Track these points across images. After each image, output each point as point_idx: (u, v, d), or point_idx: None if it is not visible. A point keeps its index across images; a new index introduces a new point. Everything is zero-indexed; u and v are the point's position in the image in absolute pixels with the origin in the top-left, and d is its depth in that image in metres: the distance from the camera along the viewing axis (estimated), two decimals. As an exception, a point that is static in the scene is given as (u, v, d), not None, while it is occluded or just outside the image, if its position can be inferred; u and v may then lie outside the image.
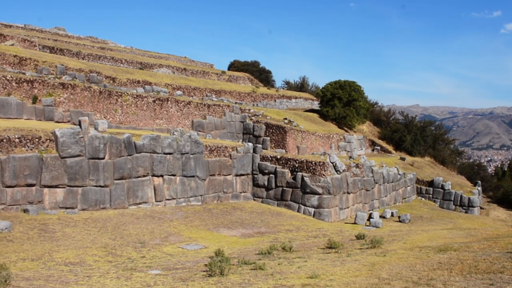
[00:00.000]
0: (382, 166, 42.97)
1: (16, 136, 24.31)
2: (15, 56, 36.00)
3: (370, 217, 33.01)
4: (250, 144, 37.49)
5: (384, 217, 35.97)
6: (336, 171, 34.51)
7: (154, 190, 29.83)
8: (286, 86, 79.40)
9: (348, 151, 49.79)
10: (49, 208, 24.98)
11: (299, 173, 34.54)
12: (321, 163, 33.84)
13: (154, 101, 37.72)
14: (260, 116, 43.83)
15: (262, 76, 76.76)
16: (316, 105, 62.82)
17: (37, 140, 24.96)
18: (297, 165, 34.84)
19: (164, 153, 30.36)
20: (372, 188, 39.80)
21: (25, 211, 23.85)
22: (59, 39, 57.59)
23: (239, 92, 53.99)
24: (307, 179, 33.99)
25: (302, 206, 34.11)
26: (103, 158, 27.11)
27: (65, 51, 49.64)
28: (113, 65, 50.45)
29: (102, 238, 21.74)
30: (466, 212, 45.72)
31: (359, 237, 22.64)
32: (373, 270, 12.97)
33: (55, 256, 17.83)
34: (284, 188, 35.26)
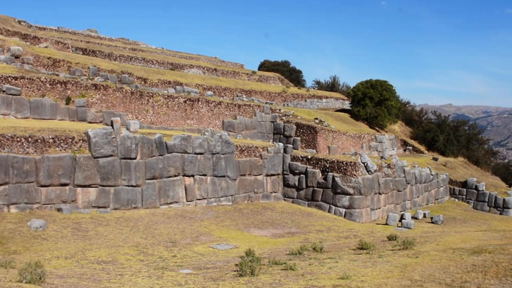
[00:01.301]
0: (414, 167, 42.47)
1: (50, 137, 24.71)
2: (49, 58, 36.61)
3: (402, 218, 32.64)
4: (281, 144, 37.44)
5: (416, 218, 35.53)
6: (368, 171, 34.24)
7: (185, 190, 30.00)
8: (316, 86, 79.05)
9: (380, 151, 49.34)
10: (82, 207, 25.33)
11: (330, 173, 34.36)
12: (352, 163, 33.61)
13: (185, 102, 37.94)
14: (291, 116, 43.73)
15: (293, 76, 76.54)
16: (347, 104, 62.40)
17: (70, 140, 25.34)
18: (328, 165, 34.67)
19: (195, 153, 30.51)
20: (404, 189, 39.36)
21: (59, 210, 24.24)
22: (91, 41, 58.35)
23: (269, 92, 53.96)
24: (338, 180, 33.80)
25: (333, 207, 33.92)
26: (135, 158, 27.38)
27: (97, 52, 50.28)
28: (145, 66, 50.92)
29: (134, 237, 21.95)
30: (500, 214, 44.88)
31: (390, 238, 22.41)
32: (405, 272, 12.82)
33: (88, 255, 18.07)
34: (315, 188, 35.11)
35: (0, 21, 48.42)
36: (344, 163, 33.86)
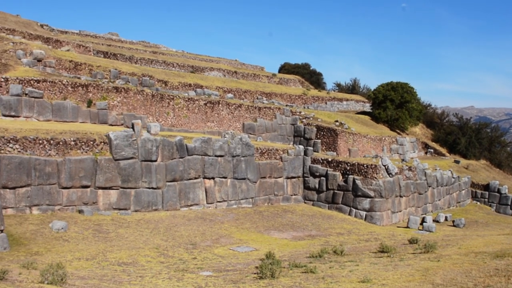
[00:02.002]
0: (436, 169, 42.05)
1: (72, 139, 24.91)
2: (70, 61, 36.95)
3: (423, 221, 32.33)
4: (301, 146, 37.33)
5: (437, 221, 35.15)
6: (388, 174, 33.97)
7: (206, 192, 30.04)
8: (337, 88, 78.74)
9: (401, 154, 48.95)
10: (103, 209, 25.49)
11: (351, 176, 34.15)
12: (373, 166, 33.38)
13: (205, 104, 38.03)
14: (311, 118, 43.61)
15: (313, 78, 76.37)
16: (367, 107, 62.05)
17: (91, 142, 25.52)
18: (348, 168, 34.47)
19: (215, 156, 30.54)
20: (425, 192, 38.97)
21: (80, 211, 24.41)
22: (113, 44, 58.81)
23: (289, 95, 53.88)
24: (358, 182, 33.58)
25: (354, 209, 33.70)
26: (155, 161, 27.48)
27: (118, 55, 50.64)
28: (165, 69, 51.17)
29: (154, 239, 22.01)
30: (524, 217, 44.18)
31: (412, 241, 22.19)
32: (426, 276, 12.66)
33: (109, 256, 18.16)
34: (335, 191, 34.93)
35: (23, 25, 49.03)
36: (365, 165, 33.65)
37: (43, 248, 18.59)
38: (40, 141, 23.86)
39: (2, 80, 29.60)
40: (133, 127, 27.11)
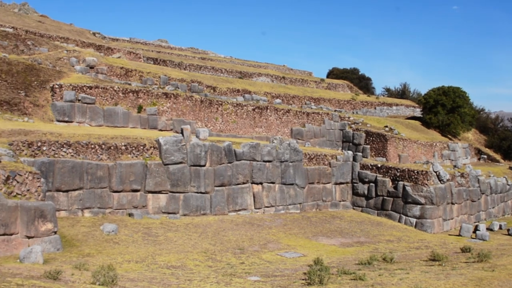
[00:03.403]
0: (490, 176, 40.94)
1: (123, 144, 25.37)
2: (121, 68, 37.68)
3: (476, 229, 31.47)
4: (350, 152, 36.98)
5: (491, 230, 34.16)
6: (440, 180, 33.26)
7: (254, 197, 30.08)
8: (386, 93, 77.78)
9: (452, 160, 47.90)
10: (152, 213, 25.83)
11: (401, 182, 33.60)
12: (424, 172, 32.75)
13: (253, 110, 38.14)
14: (360, 124, 43.18)
15: (362, 83, 75.65)
16: (418, 112, 61.05)
17: (142, 147, 25.92)
18: (398, 174, 33.93)
19: (264, 161, 30.55)
20: (479, 199, 37.96)
21: (130, 215, 24.81)
22: (162, 51, 59.68)
23: (338, 100, 53.52)
24: (408, 189, 33.00)
25: (403, 216, 33.12)
26: (204, 165, 27.69)
27: (167, 62, 51.34)
28: (214, 75, 51.59)
29: (203, 243, 22.14)
30: None
31: (464, 250, 21.62)
32: (480, 286, 12.31)
33: (158, 259, 18.36)
34: (385, 197, 34.43)
35: (76, 34, 50.32)
36: (415, 171, 33.05)
37: (94, 250, 18.94)
38: (92, 146, 24.38)
39: (57, 86, 30.43)
40: (182, 132, 27.41)
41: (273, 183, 31.05)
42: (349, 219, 32.11)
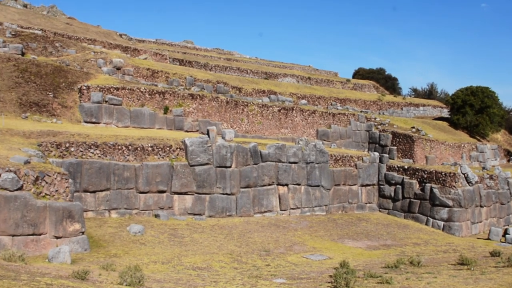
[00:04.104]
0: (519, 178, 40.24)
1: (149, 145, 25.52)
2: (148, 69, 37.93)
3: (505, 233, 30.92)
4: (376, 153, 36.70)
5: (521, 233, 33.59)
6: (468, 182, 32.81)
7: (279, 199, 30.01)
8: (413, 93, 77.07)
9: (481, 162, 47.19)
10: (178, 214, 25.93)
11: (428, 184, 33.23)
12: (452, 174, 32.34)
13: (279, 110, 38.08)
14: (386, 124, 42.82)
15: (388, 83, 75.08)
16: (445, 113, 60.32)
17: (168, 148, 26.04)
18: (425, 176, 33.57)
19: (289, 162, 30.48)
20: (508, 202, 37.34)
21: (156, 216, 24.94)
22: (188, 52, 59.96)
23: (364, 101, 53.16)
24: (436, 191, 32.62)
25: (431, 219, 32.74)
26: (230, 167, 27.72)
27: (193, 63, 51.54)
28: (239, 76, 51.65)
29: (228, 244, 22.15)
30: None
31: (494, 254, 21.24)
32: (511, 290, 12.07)
33: (183, 260, 18.41)
34: (412, 199, 34.08)
35: (103, 35, 50.81)
36: (443, 173, 32.65)
37: (121, 251, 19.08)
38: (119, 147, 24.58)
39: (84, 88, 30.76)
40: (208, 134, 27.48)
41: (298, 184, 30.96)
42: (375, 222, 31.85)
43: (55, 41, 37.17)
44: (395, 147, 40.24)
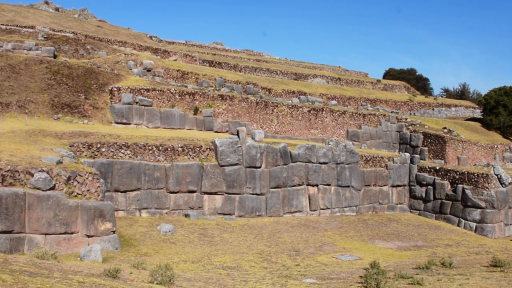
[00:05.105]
0: (554, 179, 39.35)
1: (179, 145, 25.68)
2: (178, 70, 38.17)
3: (540, 234, 30.33)
4: (407, 154, 36.31)
5: (557, 235, 32.87)
6: (501, 183, 32.22)
7: (309, 199, 29.89)
8: (444, 94, 76.03)
9: (515, 163, 46.30)
10: (208, 214, 26.02)
11: (460, 185, 32.72)
12: (484, 175, 31.79)
13: (308, 111, 37.94)
14: (417, 125, 42.31)
15: (419, 84, 74.21)
16: (478, 113, 59.35)
17: (198, 149, 26.16)
18: (457, 177, 33.07)
19: (319, 163, 30.34)
20: (543, 203, 36.56)
21: (186, 215, 25.07)
22: (217, 53, 60.19)
23: (395, 101, 52.64)
24: (468, 192, 32.11)
25: (463, 220, 32.23)
26: (259, 167, 27.71)
27: (223, 64, 51.71)
28: (269, 77, 51.64)
29: (258, 244, 22.13)
30: None
31: (528, 255, 20.83)
32: (547, 292, 11.79)
33: (213, 260, 18.45)
34: (443, 200, 33.60)
35: (133, 37, 51.33)
36: (475, 174, 32.11)
37: (151, 250, 19.22)
38: (150, 147, 24.77)
39: (115, 89, 31.09)
40: (238, 134, 27.53)
41: (328, 185, 30.79)
42: (406, 222, 31.50)
43: (86, 44, 37.67)
44: (426, 148, 39.72)
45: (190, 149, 25.95)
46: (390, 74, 77.43)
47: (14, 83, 29.02)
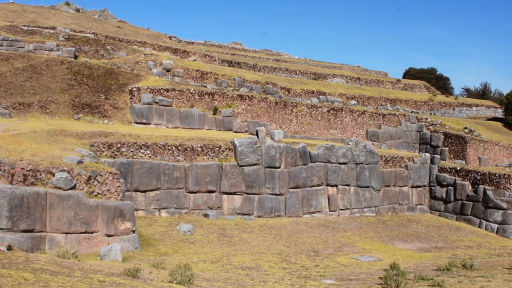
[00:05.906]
0: None
1: (199, 145, 25.75)
2: (197, 70, 38.29)
3: None
4: (427, 154, 36.01)
5: None
6: (524, 184, 31.80)
7: (328, 199, 29.80)
8: (465, 93, 75.39)
9: (537, 163, 45.72)
10: (227, 214, 26.06)
11: (481, 186, 32.37)
12: (506, 176, 31.42)
13: (328, 111, 37.82)
14: (438, 125, 41.96)
15: (439, 83, 73.64)
16: (499, 113, 58.70)
17: (217, 149, 26.21)
18: (478, 178, 32.71)
19: (339, 163, 30.22)
20: None
21: (206, 215, 25.13)
22: (236, 53, 60.28)
23: (415, 101, 52.27)
24: (489, 193, 31.75)
25: (484, 222, 31.87)
26: (278, 167, 27.68)
27: (242, 64, 51.77)
28: (288, 76, 51.59)
29: (277, 245, 22.11)
30: None
31: (551, 257, 20.53)
32: None
33: (232, 260, 18.47)
34: (464, 201, 33.26)
35: (153, 38, 51.59)
36: (497, 175, 31.74)
37: (170, 249, 19.29)
38: (169, 147, 24.88)
39: (135, 89, 31.27)
40: (257, 134, 27.52)
41: (348, 185, 30.66)
42: (426, 224, 31.25)
43: (107, 44, 37.95)
44: (447, 148, 39.37)
45: (209, 149, 26.01)
46: (410, 74, 76.95)
47: (35, 84, 29.34)
